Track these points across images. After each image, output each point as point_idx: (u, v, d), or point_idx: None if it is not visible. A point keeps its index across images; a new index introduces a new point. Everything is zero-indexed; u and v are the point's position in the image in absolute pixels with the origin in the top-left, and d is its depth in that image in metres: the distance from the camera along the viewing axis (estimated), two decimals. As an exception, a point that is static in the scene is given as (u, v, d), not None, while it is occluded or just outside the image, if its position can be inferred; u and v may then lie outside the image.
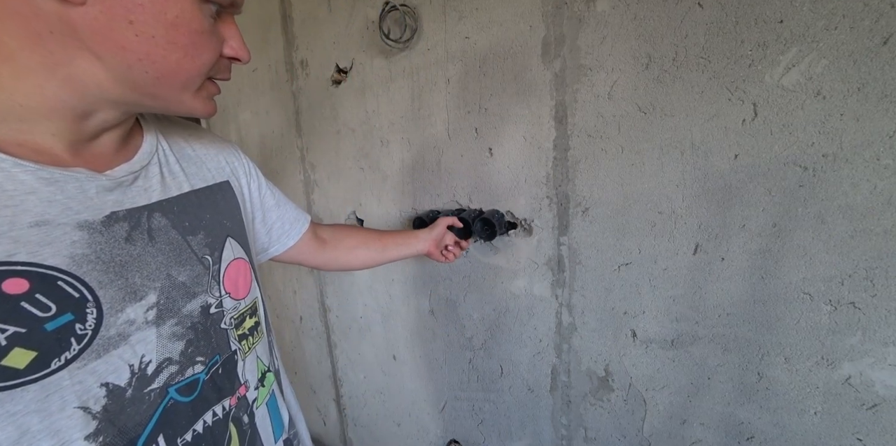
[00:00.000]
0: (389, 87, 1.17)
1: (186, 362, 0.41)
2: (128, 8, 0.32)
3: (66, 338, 0.33)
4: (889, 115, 0.59)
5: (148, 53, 0.34)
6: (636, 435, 0.93)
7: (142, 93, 0.36)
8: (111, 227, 0.37)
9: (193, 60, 0.36)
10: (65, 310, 0.33)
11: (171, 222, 0.42)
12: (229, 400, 0.46)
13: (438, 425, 1.34)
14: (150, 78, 0.35)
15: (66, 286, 0.33)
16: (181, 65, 0.36)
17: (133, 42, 0.33)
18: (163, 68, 0.35)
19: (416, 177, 1.18)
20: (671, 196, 0.78)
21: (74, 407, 0.33)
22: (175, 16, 0.34)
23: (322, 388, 1.77)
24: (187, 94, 0.39)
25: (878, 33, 0.58)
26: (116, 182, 0.38)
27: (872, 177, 0.61)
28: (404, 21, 1.05)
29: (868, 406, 0.68)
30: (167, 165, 0.45)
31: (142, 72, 0.35)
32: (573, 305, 0.96)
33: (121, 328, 0.36)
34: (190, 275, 0.43)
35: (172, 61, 0.35)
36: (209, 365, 0.43)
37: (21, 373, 0.30)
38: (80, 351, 0.33)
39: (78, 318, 0.33)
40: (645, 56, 0.76)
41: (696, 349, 0.82)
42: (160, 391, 0.38)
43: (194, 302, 0.43)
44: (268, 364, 0.54)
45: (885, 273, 0.63)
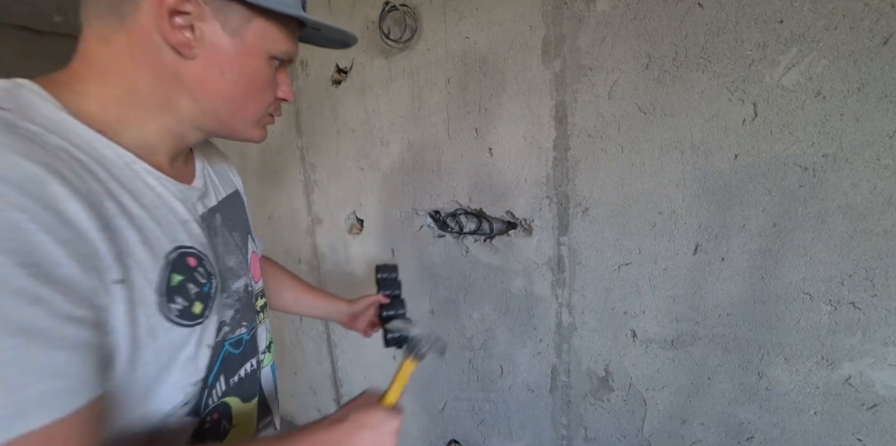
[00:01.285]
0: (389, 87, 1.17)
1: (235, 325, 0.53)
2: (222, 63, 0.45)
3: (210, 297, 0.47)
4: (889, 115, 0.59)
5: (231, 96, 0.47)
6: (636, 435, 0.93)
7: (220, 123, 0.49)
8: (205, 224, 0.51)
9: (260, 101, 0.50)
10: (209, 278, 0.48)
11: (223, 221, 0.55)
12: (255, 359, 0.59)
13: (438, 425, 1.34)
14: (229, 113, 0.49)
15: (207, 263, 0.48)
16: (251, 104, 0.49)
17: (222, 88, 0.46)
18: (238, 106, 0.49)
19: (416, 177, 1.18)
20: (671, 196, 0.78)
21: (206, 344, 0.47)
22: (253, 70, 0.47)
23: (322, 388, 1.77)
24: (251, 125, 0.52)
25: (878, 33, 0.58)
26: (201, 191, 0.52)
27: (872, 177, 0.61)
28: (404, 21, 1.05)
29: (868, 406, 0.67)
30: (210, 177, 0.58)
31: (224, 109, 0.48)
32: (573, 305, 0.96)
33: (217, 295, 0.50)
34: (235, 261, 0.56)
35: (246, 102, 0.49)
36: (249, 328, 0.57)
37: (197, 317, 0.45)
38: (212, 308, 0.48)
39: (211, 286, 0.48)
40: (645, 56, 0.76)
41: (696, 349, 0.82)
42: (220, 343, 0.51)
43: (239, 281, 0.55)
44: (271, 337, 0.68)
45: (885, 273, 0.63)
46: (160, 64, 0.43)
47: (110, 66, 0.42)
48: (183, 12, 0.41)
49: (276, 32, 0.47)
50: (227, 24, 0.43)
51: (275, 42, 0.47)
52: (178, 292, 0.43)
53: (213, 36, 0.43)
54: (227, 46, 0.44)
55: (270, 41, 0.47)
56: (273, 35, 0.47)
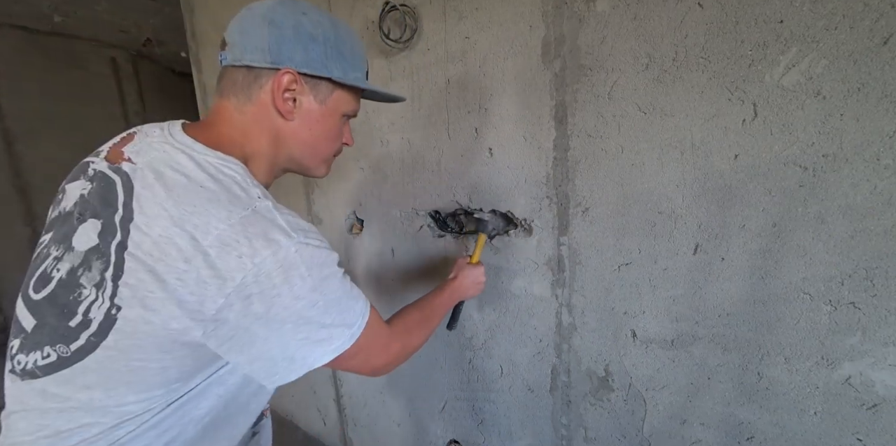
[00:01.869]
0: (389, 87, 1.16)
1: None
2: (311, 123, 0.61)
3: None
4: (889, 115, 0.59)
5: (314, 146, 0.63)
6: (636, 435, 0.93)
7: (301, 165, 0.65)
8: None
9: (332, 148, 0.67)
10: None
11: None
12: None
13: (438, 425, 1.34)
14: (310, 157, 0.65)
15: None
16: (326, 150, 0.66)
17: (308, 140, 0.62)
18: (317, 152, 0.65)
19: (416, 177, 1.18)
20: (671, 196, 0.78)
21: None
22: (331, 126, 0.64)
23: (322, 388, 1.77)
24: (322, 165, 0.67)
25: (878, 33, 0.58)
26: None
27: (872, 177, 0.61)
28: (404, 21, 1.05)
29: (868, 406, 0.67)
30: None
31: (307, 154, 0.64)
32: (573, 305, 0.96)
33: None
34: None
35: (323, 148, 0.65)
36: None
37: None
38: None
39: None
40: (645, 56, 0.76)
41: (696, 349, 0.82)
42: None
43: None
44: None
45: (885, 273, 0.63)
46: (272, 126, 0.59)
47: (248, 129, 0.58)
48: (290, 89, 0.57)
49: (349, 97, 0.64)
50: (317, 95, 0.60)
51: (347, 104, 0.64)
52: None
53: (307, 104, 0.60)
54: (316, 111, 0.61)
55: (345, 104, 0.64)
56: (347, 100, 0.64)
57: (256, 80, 0.56)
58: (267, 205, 0.50)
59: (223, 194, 0.48)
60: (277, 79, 0.56)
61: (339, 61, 0.60)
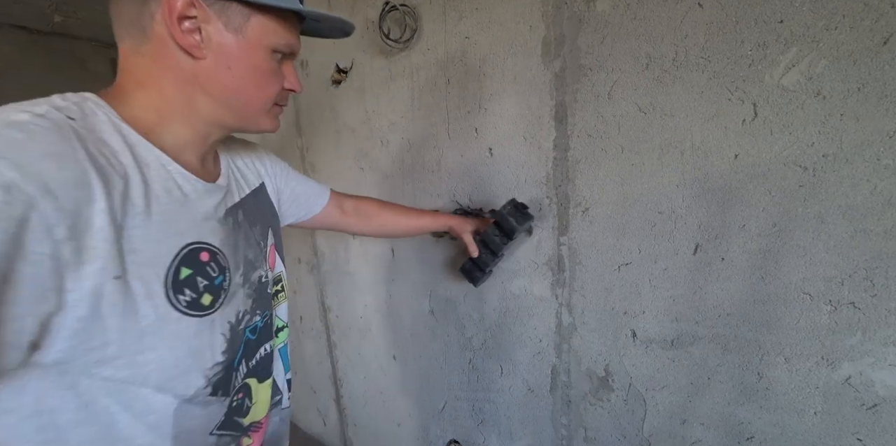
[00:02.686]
0: (389, 87, 1.17)
1: (253, 313, 0.58)
2: (228, 60, 0.48)
3: (221, 291, 0.51)
4: (889, 115, 0.59)
5: (239, 88, 0.51)
6: (636, 435, 0.93)
7: (235, 116, 0.53)
8: (226, 221, 0.55)
9: (266, 91, 0.53)
10: (221, 273, 0.51)
11: (245, 217, 0.59)
12: (269, 343, 0.64)
13: (438, 425, 1.34)
14: (240, 104, 0.52)
15: (220, 258, 0.52)
16: (258, 94, 0.53)
17: (230, 82, 0.49)
18: (247, 98, 0.52)
19: (416, 177, 1.18)
20: (671, 196, 0.78)
21: (219, 333, 0.51)
22: (257, 63, 0.50)
23: (322, 388, 1.77)
24: (263, 115, 0.55)
25: (878, 33, 0.58)
26: (224, 189, 0.56)
27: (872, 177, 0.61)
28: (404, 21, 1.05)
29: (868, 406, 0.67)
30: (234, 175, 0.62)
31: (236, 101, 0.51)
32: (573, 305, 0.96)
33: (234, 287, 0.54)
34: (254, 254, 0.60)
35: (253, 93, 0.52)
36: (262, 316, 0.61)
37: (206, 308, 0.49)
38: (224, 300, 0.52)
39: (225, 279, 0.52)
40: (645, 56, 0.76)
41: (696, 349, 0.82)
42: (242, 331, 0.55)
43: (256, 273, 0.59)
44: (286, 321, 0.72)
45: (885, 273, 0.63)
46: (178, 68, 0.47)
47: (143, 75, 0.48)
48: (190, 17, 0.45)
49: (275, 26, 0.50)
50: (229, 23, 0.47)
51: (275, 35, 0.50)
52: (187, 285, 0.47)
53: (218, 36, 0.47)
54: (231, 44, 0.48)
55: (270, 35, 0.50)
56: (272, 29, 0.50)
57: (144, 6, 0.45)
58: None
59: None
60: (167, 2, 0.44)
61: None
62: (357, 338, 1.55)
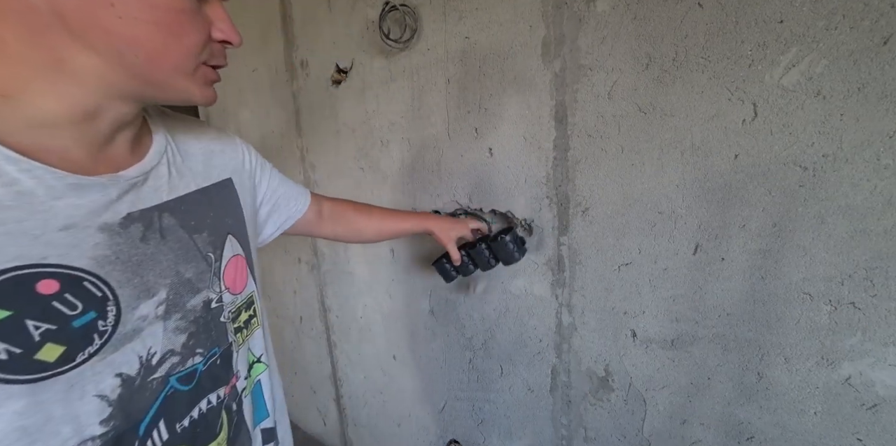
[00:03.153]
0: (389, 87, 1.17)
1: (187, 353, 0.43)
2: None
3: (90, 334, 0.35)
4: (889, 115, 0.59)
5: (134, 36, 0.34)
6: (636, 435, 0.93)
7: (140, 80, 0.36)
8: (128, 228, 0.39)
9: (180, 41, 0.36)
10: (89, 308, 0.35)
11: (178, 221, 0.44)
12: (224, 390, 0.49)
13: (438, 425, 1.34)
14: (142, 62, 0.35)
15: (90, 286, 0.36)
16: (168, 46, 0.36)
17: (117, 25, 0.33)
18: (151, 50, 0.35)
19: (416, 177, 1.18)
20: (671, 196, 0.78)
21: (93, 396, 0.36)
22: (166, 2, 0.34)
23: (322, 388, 1.77)
24: (182, 78, 0.38)
25: (878, 33, 0.58)
26: (131, 183, 0.40)
27: (872, 177, 0.61)
28: (404, 21, 1.05)
29: (868, 406, 0.67)
30: (175, 165, 0.46)
31: (132, 56, 0.34)
32: (573, 305, 0.96)
33: (135, 323, 0.39)
34: (195, 271, 0.45)
35: (158, 43, 0.35)
36: (207, 356, 0.46)
37: (51, 366, 0.33)
38: (101, 346, 0.36)
39: (100, 316, 0.36)
40: (645, 56, 0.76)
41: (696, 349, 0.82)
42: (162, 380, 0.41)
43: (198, 297, 0.45)
44: (259, 355, 0.57)
45: (885, 273, 0.63)
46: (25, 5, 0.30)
47: None
48: None
49: None
50: None
51: None
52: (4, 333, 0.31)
53: None
54: None
55: None
56: None
57: None
58: None
59: None
60: None
61: None
62: (357, 338, 1.55)
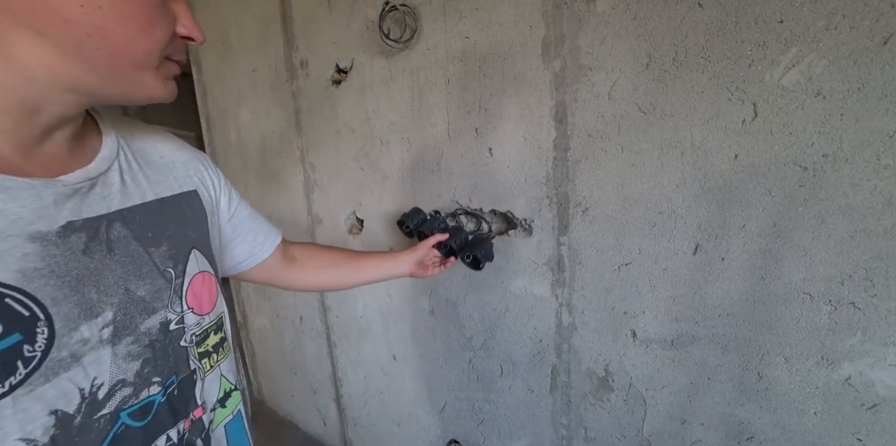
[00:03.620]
0: (389, 87, 1.16)
1: (141, 383, 0.38)
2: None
3: (11, 362, 0.29)
4: (889, 115, 0.59)
5: (98, 27, 0.31)
6: (636, 435, 0.93)
7: (98, 74, 0.33)
8: (67, 238, 0.34)
9: (148, 35, 0.34)
10: (12, 330, 0.29)
11: (132, 233, 0.40)
12: (184, 424, 0.43)
13: (438, 425, 1.34)
14: (104, 55, 0.32)
15: (14, 303, 0.30)
16: (136, 40, 0.33)
17: (79, 13, 0.30)
18: (116, 43, 0.32)
19: (416, 177, 1.18)
20: (671, 196, 0.78)
21: (16, 439, 0.29)
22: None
23: (322, 388, 1.77)
24: (146, 74, 0.36)
25: (878, 33, 0.58)
26: (73, 189, 0.35)
27: (872, 177, 0.61)
28: (404, 21, 1.05)
29: (868, 406, 0.68)
30: (130, 172, 0.42)
31: (93, 48, 0.32)
32: (573, 305, 0.96)
33: (74, 348, 0.33)
34: (150, 289, 0.40)
35: (126, 36, 0.33)
36: (166, 385, 0.40)
37: None
38: (27, 376, 0.30)
39: (27, 339, 0.30)
40: (645, 56, 0.76)
41: (696, 349, 0.82)
42: (111, 416, 0.35)
43: (153, 318, 0.40)
44: (234, 382, 0.52)
45: (885, 273, 0.63)
46: None
47: None
48: None
49: None
50: None
51: None
52: None
53: None
54: None
55: None
56: None
57: None
58: None
59: None
60: None
61: None
62: (357, 338, 1.55)
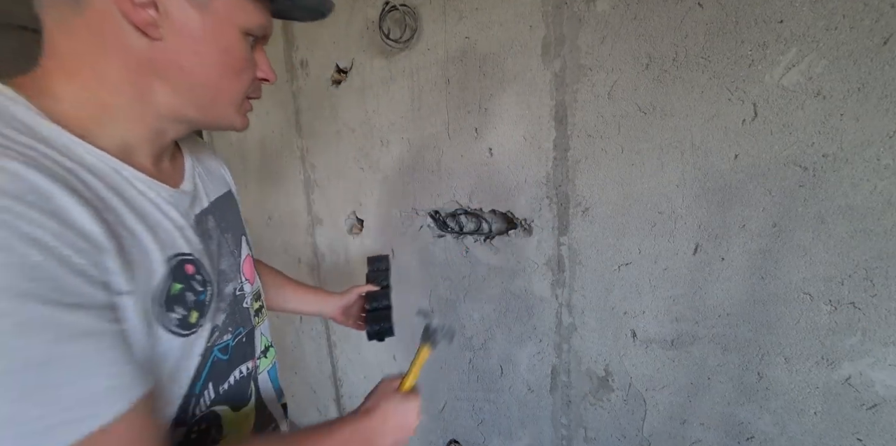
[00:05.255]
0: (389, 87, 1.17)
1: (224, 331, 0.51)
2: (194, 41, 0.41)
3: (205, 305, 0.46)
4: (889, 115, 0.59)
5: (208, 78, 0.43)
6: (636, 435, 0.93)
7: (200, 111, 0.46)
8: (198, 228, 0.49)
9: (239, 81, 0.46)
10: (204, 286, 0.46)
11: (216, 223, 0.53)
12: (249, 363, 0.57)
13: (438, 425, 1.34)
14: (208, 98, 0.45)
15: (203, 270, 0.46)
16: (231, 85, 0.46)
17: (197, 69, 0.42)
18: (217, 88, 0.45)
19: (416, 177, 1.18)
20: (671, 196, 0.78)
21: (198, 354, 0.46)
22: (227, 46, 0.43)
23: (322, 388, 1.77)
24: (232, 109, 0.48)
25: (878, 33, 0.58)
26: (191, 194, 0.50)
27: (872, 177, 0.61)
28: (404, 21, 1.05)
29: (868, 406, 0.67)
30: (201, 179, 0.55)
31: (202, 93, 0.44)
32: (573, 305, 0.96)
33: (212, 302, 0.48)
34: (228, 264, 0.54)
35: (224, 83, 0.45)
36: (234, 334, 0.54)
37: (192, 326, 0.44)
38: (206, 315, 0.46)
39: (206, 293, 0.47)
40: (645, 56, 0.76)
41: (696, 349, 0.82)
42: (210, 348, 0.49)
43: (230, 285, 0.53)
44: (271, 340, 0.65)
45: (885, 273, 0.63)
46: (126, 49, 0.39)
47: (76, 58, 0.39)
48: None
49: (246, 3, 0.43)
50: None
51: (246, 14, 0.44)
52: (178, 301, 0.42)
53: (179, 12, 0.39)
54: (195, 22, 0.40)
55: (241, 13, 0.43)
56: (243, 6, 0.43)
57: None
58: None
59: None
60: None
61: None
62: (357, 338, 1.55)
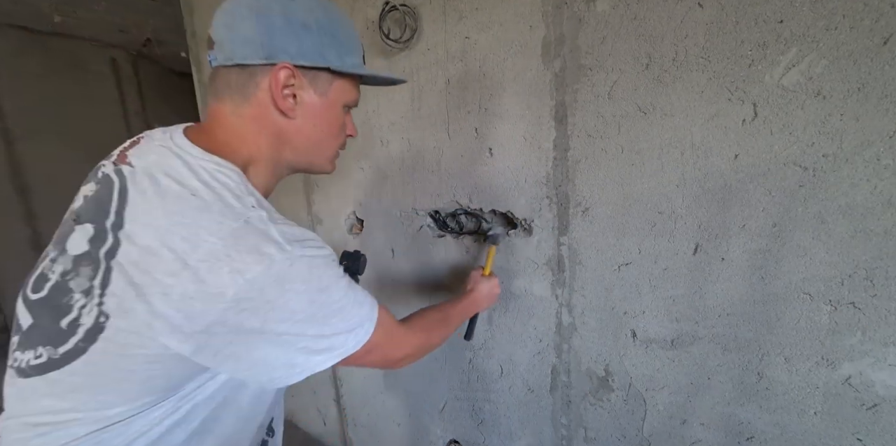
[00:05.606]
0: (389, 87, 1.16)
1: None
2: (314, 117, 0.58)
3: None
4: (889, 115, 0.59)
5: (319, 140, 0.61)
6: (636, 435, 0.93)
7: (308, 163, 0.63)
8: None
9: (338, 141, 0.64)
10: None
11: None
12: None
13: (438, 425, 1.34)
14: (318, 153, 0.62)
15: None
16: (332, 145, 0.63)
17: (313, 136, 0.60)
18: (324, 147, 0.62)
19: (416, 177, 1.18)
20: (671, 196, 0.78)
21: None
22: (334, 119, 0.61)
23: (322, 388, 1.77)
24: (328, 161, 0.65)
25: (878, 33, 0.58)
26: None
27: (872, 177, 0.61)
28: (404, 21, 1.05)
29: (868, 406, 0.67)
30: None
31: (314, 151, 0.62)
32: (573, 305, 0.96)
33: None
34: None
35: (329, 142, 0.63)
36: None
37: None
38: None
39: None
40: (645, 56, 0.76)
41: (696, 349, 0.82)
42: None
43: None
44: None
45: (885, 273, 0.63)
46: (273, 126, 0.56)
47: (242, 132, 0.55)
48: (289, 85, 0.54)
49: (349, 86, 0.61)
50: (317, 88, 0.57)
51: (348, 94, 0.61)
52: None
53: (308, 99, 0.57)
54: (317, 105, 0.58)
55: (345, 94, 0.61)
56: (347, 89, 0.60)
57: (251, 78, 0.53)
58: (261, 215, 0.47)
59: (215, 203, 0.46)
60: (274, 75, 0.52)
61: (335, 48, 0.56)
62: (357, 338, 1.54)
